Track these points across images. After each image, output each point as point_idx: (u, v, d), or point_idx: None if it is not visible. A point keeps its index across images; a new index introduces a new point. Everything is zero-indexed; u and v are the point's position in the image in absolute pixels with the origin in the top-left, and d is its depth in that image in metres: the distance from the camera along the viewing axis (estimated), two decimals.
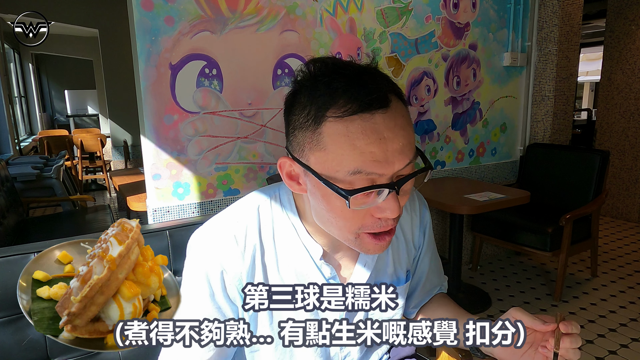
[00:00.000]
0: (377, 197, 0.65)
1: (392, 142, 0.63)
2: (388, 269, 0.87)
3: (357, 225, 0.68)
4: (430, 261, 0.96)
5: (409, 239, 0.91)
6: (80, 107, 9.80)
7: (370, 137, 0.61)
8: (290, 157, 0.70)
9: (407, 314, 1.01)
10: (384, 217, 0.67)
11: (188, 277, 0.79)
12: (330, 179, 0.64)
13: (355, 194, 0.62)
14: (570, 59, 3.41)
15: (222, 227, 0.78)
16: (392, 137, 0.63)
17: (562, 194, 3.14)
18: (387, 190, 0.64)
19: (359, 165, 0.62)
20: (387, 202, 0.65)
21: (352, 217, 0.67)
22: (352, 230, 0.69)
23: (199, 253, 0.78)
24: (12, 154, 4.60)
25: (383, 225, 0.68)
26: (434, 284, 0.99)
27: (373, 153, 0.62)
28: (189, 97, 2.11)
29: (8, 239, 2.62)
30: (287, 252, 0.78)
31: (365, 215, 0.67)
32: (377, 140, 0.62)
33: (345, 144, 0.62)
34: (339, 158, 0.63)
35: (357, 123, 0.62)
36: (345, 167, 0.63)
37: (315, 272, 0.79)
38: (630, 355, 2.22)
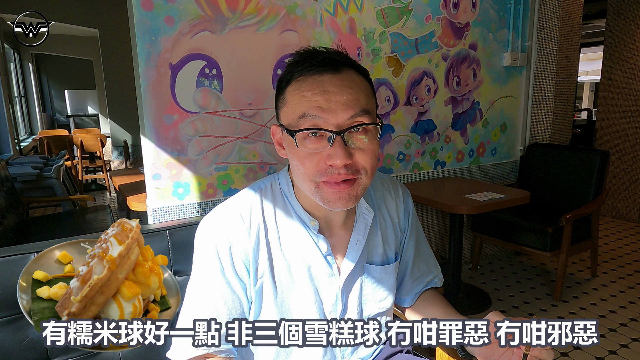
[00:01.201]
0: (327, 143, 0.75)
1: (335, 95, 0.75)
2: (378, 249, 0.95)
3: (313, 171, 0.78)
4: (416, 247, 1.03)
5: (396, 222, 1.00)
6: (80, 107, 9.79)
7: (316, 90, 0.75)
8: (277, 124, 0.84)
9: (400, 302, 1.06)
10: (334, 165, 0.76)
11: (199, 254, 0.85)
12: (289, 126, 0.78)
13: (299, 132, 0.75)
14: (570, 59, 3.41)
15: (229, 208, 0.86)
16: (337, 91, 0.75)
17: (562, 194, 3.13)
18: (333, 136, 0.74)
19: (305, 110, 0.75)
20: (333, 148, 0.75)
21: (308, 163, 0.77)
22: (312, 179, 0.78)
23: (208, 232, 0.84)
24: (12, 154, 4.60)
25: (335, 173, 0.76)
26: (422, 272, 1.04)
27: (317, 101, 0.75)
28: (189, 97, 2.11)
29: (8, 239, 2.62)
30: (288, 229, 0.87)
31: (319, 161, 0.77)
32: (322, 92, 0.75)
33: (297, 94, 0.77)
34: (293, 107, 0.77)
35: (308, 80, 0.77)
36: (297, 113, 0.76)
37: (313, 247, 0.87)
38: (630, 355, 2.22)
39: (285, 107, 0.80)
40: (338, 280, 0.88)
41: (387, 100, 2.73)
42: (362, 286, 0.92)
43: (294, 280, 0.86)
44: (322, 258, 0.87)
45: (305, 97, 0.75)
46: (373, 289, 0.93)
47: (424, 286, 1.04)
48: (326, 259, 0.87)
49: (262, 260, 0.84)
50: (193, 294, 0.82)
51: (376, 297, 0.93)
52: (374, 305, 0.93)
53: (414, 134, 2.88)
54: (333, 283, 0.88)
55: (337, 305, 0.88)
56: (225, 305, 0.80)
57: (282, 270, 0.85)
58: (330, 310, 0.88)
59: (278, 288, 0.84)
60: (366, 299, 0.92)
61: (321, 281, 0.87)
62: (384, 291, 0.95)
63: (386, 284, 0.95)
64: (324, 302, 0.88)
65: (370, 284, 0.93)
